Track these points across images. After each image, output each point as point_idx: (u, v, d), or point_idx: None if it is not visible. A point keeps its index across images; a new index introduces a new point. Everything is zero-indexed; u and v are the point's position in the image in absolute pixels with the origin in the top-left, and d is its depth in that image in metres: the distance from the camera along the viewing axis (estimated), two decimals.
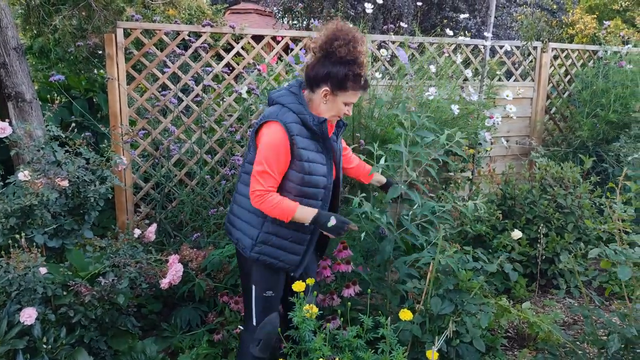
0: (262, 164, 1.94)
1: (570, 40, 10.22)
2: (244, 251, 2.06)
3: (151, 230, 2.47)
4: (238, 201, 2.12)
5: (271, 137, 1.94)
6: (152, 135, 3.53)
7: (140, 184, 3.57)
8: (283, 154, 1.94)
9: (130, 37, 3.43)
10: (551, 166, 3.72)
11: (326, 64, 1.95)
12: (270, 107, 2.04)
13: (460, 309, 2.32)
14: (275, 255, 2.07)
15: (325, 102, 2.01)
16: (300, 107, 1.99)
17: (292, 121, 1.96)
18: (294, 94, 2.02)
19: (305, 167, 1.97)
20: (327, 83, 1.96)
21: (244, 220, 2.08)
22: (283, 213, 1.97)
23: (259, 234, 2.05)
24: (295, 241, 2.09)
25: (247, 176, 2.06)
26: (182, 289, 2.88)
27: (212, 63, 3.69)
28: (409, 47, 3.68)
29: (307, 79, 2.02)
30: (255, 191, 1.96)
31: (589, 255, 2.04)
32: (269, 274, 2.11)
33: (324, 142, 2.04)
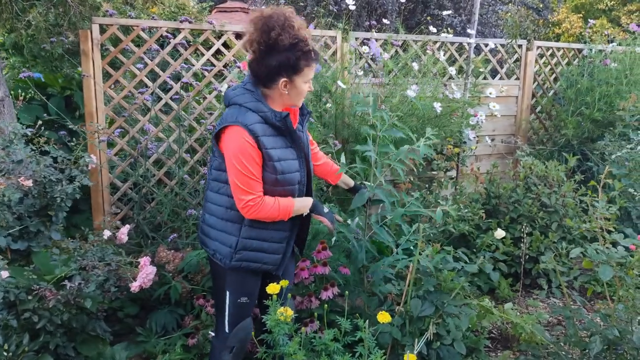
0: (241, 173, 1.84)
1: (557, 39, 10.25)
2: (222, 261, 1.97)
3: (123, 231, 2.39)
4: (210, 210, 2.01)
5: (237, 143, 1.83)
6: (129, 134, 3.45)
7: (117, 184, 3.48)
8: (256, 156, 1.85)
9: (106, 34, 3.34)
10: (536, 165, 3.69)
11: (273, 56, 1.83)
12: (228, 109, 1.94)
13: (440, 310, 2.27)
14: (257, 258, 2.00)
15: (288, 92, 1.91)
16: (259, 104, 1.88)
17: (253, 122, 1.85)
18: (250, 91, 1.90)
19: (277, 167, 1.89)
20: (283, 74, 1.85)
21: (219, 229, 1.98)
22: (284, 212, 1.92)
23: (238, 240, 1.96)
24: (275, 241, 2.02)
25: (215, 183, 1.98)
26: (158, 291, 2.80)
27: (192, 60, 3.61)
28: (392, 44, 3.63)
29: (257, 77, 1.90)
30: (247, 202, 1.86)
31: (570, 255, 2.00)
32: (247, 279, 2.03)
33: (291, 135, 1.95)
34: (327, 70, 3.64)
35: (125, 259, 2.17)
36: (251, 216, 1.89)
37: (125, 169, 3.46)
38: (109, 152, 3.29)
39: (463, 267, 2.27)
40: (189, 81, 3.50)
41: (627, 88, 4.46)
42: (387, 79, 3.50)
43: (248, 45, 1.89)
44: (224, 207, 1.97)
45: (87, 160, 2.40)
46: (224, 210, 1.97)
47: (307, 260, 2.55)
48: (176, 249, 3.19)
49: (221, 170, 1.94)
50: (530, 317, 2.76)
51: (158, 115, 3.53)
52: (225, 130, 1.87)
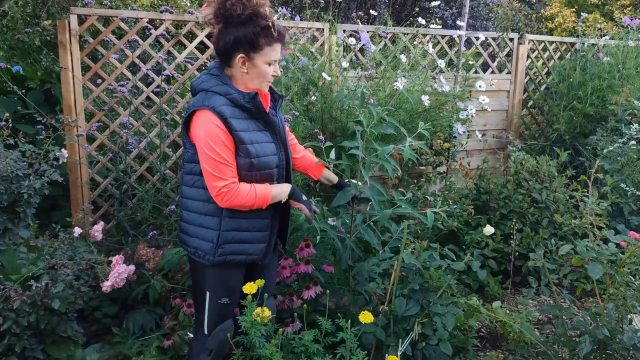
0: (211, 158, 1.76)
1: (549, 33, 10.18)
2: (205, 258, 1.88)
3: (97, 228, 2.29)
4: (186, 206, 1.92)
5: (206, 126, 1.76)
6: (110, 128, 3.35)
7: (97, 179, 3.38)
8: (227, 140, 1.77)
9: (85, 24, 3.23)
10: (527, 160, 3.62)
11: (229, 30, 1.77)
12: (194, 97, 1.87)
13: (426, 309, 2.19)
14: (241, 250, 1.91)
15: (246, 71, 1.82)
16: (226, 87, 1.81)
17: (221, 104, 1.77)
18: (215, 75, 1.84)
19: (250, 150, 1.81)
20: (239, 49, 1.78)
21: (198, 225, 1.89)
22: (261, 199, 1.84)
23: (219, 234, 1.87)
24: (258, 229, 1.93)
25: (189, 177, 1.89)
26: (136, 290, 2.71)
27: (174, 52, 3.51)
28: (380, 36, 3.54)
29: (219, 54, 1.84)
30: (220, 190, 1.77)
31: (559, 252, 1.92)
32: (230, 275, 1.95)
33: (263, 118, 1.88)
34: (313, 63, 3.55)
35: (96, 257, 2.07)
36: (226, 204, 1.80)
37: (105, 164, 3.35)
38: (87, 147, 3.19)
39: (449, 264, 2.20)
40: (171, 74, 3.39)
41: (620, 82, 4.39)
42: (375, 72, 3.41)
43: (207, 20, 1.82)
44: (200, 201, 1.88)
45: (57, 154, 2.30)
46: (201, 204, 1.87)
47: (290, 258, 2.47)
48: (157, 247, 3.10)
49: (194, 162, 1.86)
50: (519, 316, 2.69)
51: (139, 109, 3.43)
52: (193, 117, 1.80)
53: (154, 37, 3.38)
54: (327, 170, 2.32)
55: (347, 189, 2.29)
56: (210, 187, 1.79)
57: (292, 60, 3.44)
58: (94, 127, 3.18)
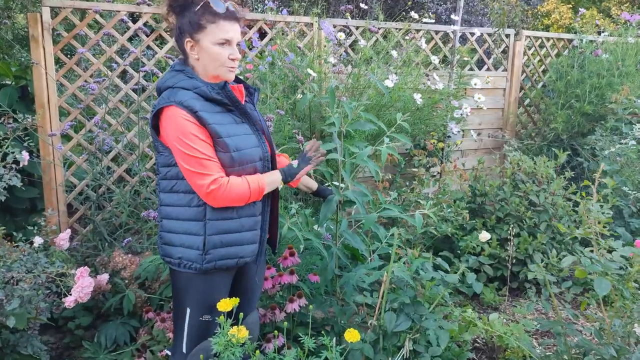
0: (190, 157, 1.61)
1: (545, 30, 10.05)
2: (191, 267, 1.72)
3: (63, 237, 2.12)
4: (166, 214, 1.76)
5: (175, 122, 1.61)
6: (86, 127, 3.17)
7: (73, 181, 3.21)
8: (200, 133, 1.63)
9: (58, 17, 3.05)
10: (523, 161, 3.47)
11: (177, 20, 1.70)
12: (160, 96, 1.73)
13: (418, 324, 2.04)
14: (232, 254, 1.76)
15: (197, 56, 1.68)
16: (192, 81, 1.68)
17: (188, 98, 1.63)
18: (179, 71, 1.71)
19: (228, 143, 1.67)
20: (185, 34, 1.67)
21: (182, 232, 1.73)
22: (256, 188, 1.71)
23: (204, 239, 1.71)
24: (247, 229, 1.78)
25: (166, 182, 1.73)
26: (110, 301, 2.54)
27: (155, 47, 3.34)
28: (370, 31, 3.38)
29: (178, 47, 1.74)
30: (209, 186, 1.62)
31: (562, 263, 1.77)
32: (216, 286, 1.78)
33: (238, 109, 1.74)
34: (301, 59, 3.38)
35: (58, 269, 1.90)
36: (220, 202, 1.66)
37: (81, 166, 3.18)
38: (59, 147, 3.01)
39: (443, 277, 2.04)
40: (151, 70, 3.22)
41: (619, 80, 4.25)
42: (364, 69, 3.25)
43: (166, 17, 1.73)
44: (181, 206, 1.72)
45: (17, 157, 2.12)
46: (183, 210, 1.72)
47: (272, 268, 2.31)
48: (135, 253, 2.93)
49: (170, 166, 1.70)
50: (516, 327, 2.54)
51: (117, 106, 3.25)
52: (161, 116, 1.65)
53: (133, 31, 3.21)
54: (305, 177, 2.16)
55: (330, 198, 2.13)
56: (197, 187, 1.64)
57: (279, 56, 3.27)
58: (67, 126, 3.00)
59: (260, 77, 3.21)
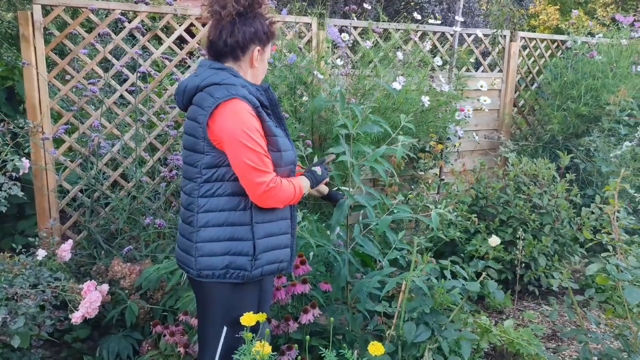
0: (253, 151, 1.56)
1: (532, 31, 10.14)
2: (240, 276, 1.64)
3: (65, 248, 2.01)
4: (206, 221, 1.64)
5: (240, 116, 1.56)
6: (79, 131, 3.04)
7: (66, 186, 3.08)
8: (261, 129, 1.62)
9: (50, 16, 2.92)
10: (525, 163, 3.45)
11: (248, 21, 1.66)
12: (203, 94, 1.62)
13: (437, 334, 1.99)
14: (275, 258, 1.72)
15: (258, 64, 1.72)
16: (239, 79, 1.65)
17: (247, 93, 1.61)
18: (221, 69, 1.66)
19: (279, 143, 1.66)
20: (256, 42, 1.68)
21: (227, 239, 1.64)
22: (299, 190, 1.71)
23: (254, 244, 1.66)
24: (284, 232, 1.76)
25: (208, 186, 1.63)
26: (111, 313, 2.44)
27: (151, 47, 3.22)
28: (374, 31, 3.32)
29: (228, 47, 1.67)
30: (268, 184, 1.58)
31: (587, 272, 1.74)
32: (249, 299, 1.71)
33: (274, 112, 1.75)
34: (301, 60, 3.31)
35: (64, 284, 1.79)
36: (272, 202, 1.63)
37: (74, 170, 3.05)
38: (52, 152, 2.88)
39: (464, 285, 1.99)
40: (147, 71, 3.11)
41: (614, 81, 4.28)
42: (368, 70, 3.19)
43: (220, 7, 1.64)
44: (226, 211, 1.64)
45: (17, 164, 2.00)
46: (227, 214, 1.64)
47: (283, 277, 2.23)
48: (133, 261, 2.83)
49: (216, 167, 1.62)
50: (526, 332, 2.52)
51: (112, 109, 3.13)
52: (216, 111, 1.57)
53: (128, 30, 3.09)
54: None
55: (341, 202, 2.07)
56: (255, 185, 1.57)
57: (279, 57, 3.19)
58: (61, 130, 2.87)
59: None
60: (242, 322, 1.53)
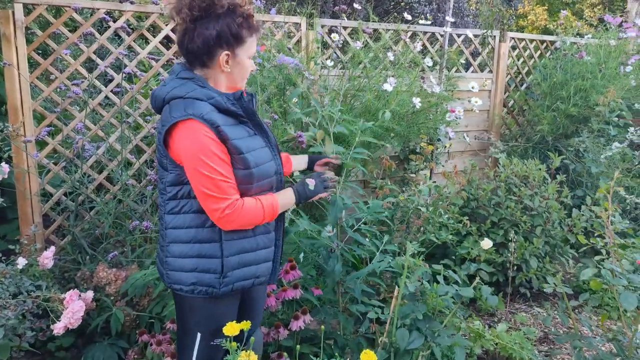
0: (208, 177, 1.49)
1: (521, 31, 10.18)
2: (207, 292, 1.60)
3: (47, 255, 1.95)
4: (174, 237, 1.61)
5: (195, 139, 1.47)
6: (63, 133, 2.97)
7: (50, 190, 3.00)
8: (221, 152, 1.51)
9: (32, 15, 2.84)
10: (516, 164, 3.44)
11: (210, 23, 1.51)
12: (166, 108, 1.55)
13: (430, 340, 1.95)
14: (249, 274, 1.66)
15: (230, 69, 1.58)
16: (205, 90, 1.54)
17: (208, 111, 1.50)
18: (188, 79, 1.56)
19: (249, 160, 1.56)
20: (223, 45, 1.54)
21: (195, 256, 1.60)
22: (270, 211, 1.61)
23: (222, 262, 1.60)
24: (263, 247, 1.69)
25: (174, 203, 1.59)
26: (96, 321, 2.37)
27: (137, 47, 3.15)
28: (364, 31, 3.28)
29: (193, 54, 1.55)
30: (224, 210, 1.51)
31: (581, 276, 1.71)
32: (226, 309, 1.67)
33: (251, 120, 1.63)
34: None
35: (45, 293, 1.73)
36: (232, 226, 1.55)
37: (58, 173, 2.97)
38: (35, 155, 2.81)
39: (457, 290, 1.96)
40: (133, 71, 3.04)
41: (603, 82, 4.28)
42: (358, 71, 3.15)
43: (175, 13, 1.53)
44: (194, 228, 1.59)
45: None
46: (195, 232, 1.59)
47: (272, 284, 2.18)
48: (119, 267, 2.76)
49: (181, 184, 1.56)
50: (519, 335, 2.50)
51: (97, 110, 3.06)
52: (174, 130, 1.50)
53: (113, 30, 3.02)
54: (293, 157, 2.07)
55: (334, 201, 2.02)
56: (210, 211, 1.53)
57: (268, 58, 3.14)
58: (44, 132, 2.80)
59: (249, 79, 3.08)
60: (224, 332, 1.49)
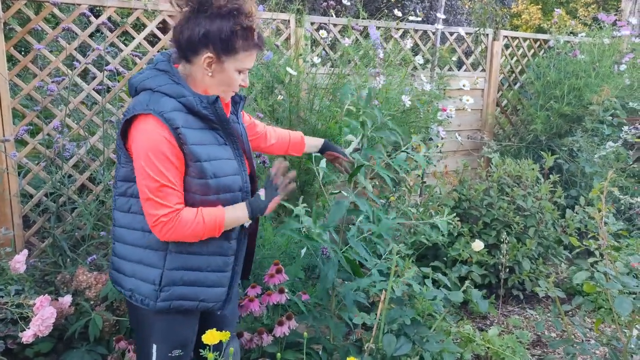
0: (152, 179, 1.39)
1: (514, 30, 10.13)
2: (144, 303, 1.50)
3: (18, 259, 1.87)
4: (120, 237, 1.53)
5: (149, 137, 1.38)
6: (43, 132, 2.88)
7: (30, 191, 2.92)
8: (173, 156, 1.40)
9: (11, 10, 2.76)
10: (508, 164, 3.38)
11: (200, 20, 1.40)
12: (135, 98, 1.46)
13: (419, 346, 1.88)
14: (192, 295, 1.52)
15: (211, 74, 1.45)
16: (179, 87, 1.43)
17: (172, 109, 1.40)
18: (164, 71, 1.46)
19: (206, 168, 1.44)
20: (209, 46, 1.41)
21: (136, 261, 1.50)
22: (212, 226, 1.46)
23: (162, 273, 1.48)
24: (215, 269, 1.54)
25: (124, 200, 1.51)
26: (74, 326, 2.29)
27: (120, 44, 3.07)
28: (354, 29, 3.21)
29: (179, 45, 1.45)
30: (158, 219, 1.41)
31: (574, 280, 1.65)
32: (180, 323, 1.56)
33: (223, 128, 1.51)
34: (279, 57, 3.19)
35: (14, 299, 1.65)
36: (166, 237, 1.43)
37: (38, 174, 2.89)
38: (13, 155, 2.72)
39: (446, 295, 1.89)
40: (116, 69, 2.96)
41: (596, 81, 4.24)
42: (347, 69, 3.09)
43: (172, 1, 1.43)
44: (139, 231, 1.49)
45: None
46: (140, 235, 1.49)
47: (257, 287, 2.11)
48: (100, 270, 2.68)
49: (131, 181, 1.47)
50: (511, 339, 2.43)
51: (79, 108, 2.98)
52: (134, 122, 1.41)
53: (95, 26, 2.94)
54: (308, 138, 1.98)
55: (339, 201, 1.93)
56: (147, 216, 1.42)
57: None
58: (22, 131, 2.71)
59: None
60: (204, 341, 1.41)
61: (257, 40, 1.46)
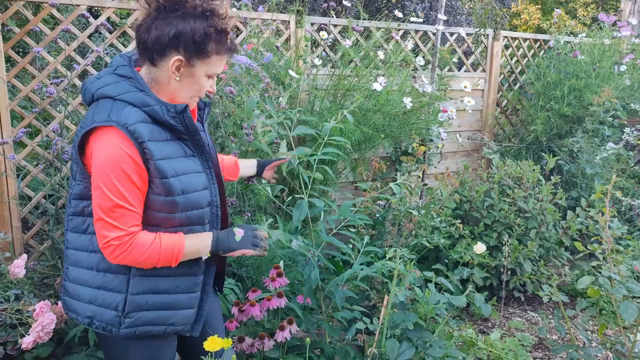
0: (107, 198, 1.26)
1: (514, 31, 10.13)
2: (107, 330, 1.37)
3: (18, 264, 1.85)
4: (75, 260, 1.40)
5: (110, 151, 1.25)
6: (42, 133, 2.86)
7: (29, 193, 2.90)
8: (136, 174, 1.29)
9: (9, 11, 2.74)
10: (509, 165, 3.37)
11: (171, 20, 1.28)
12: (92, 106, 1.32)
13: (422, 351, 1.87)
14: (160, 319, 1.42)
15: (179, 78, 1.33)
16: (142, 95, 1.30)
17: (136, 120, 1.28)
18: (124, 77, 1.32)
19: (174, 186, 1.33)
20: (179, 49, 1.30)
21: (96, 287, 1.37)
22: (168, 256, 1.35)
23: (126, 298, 1.37)
24: (184, 291, 1.44)
25: (80, 220, 1.38)
26: (73, 331, 2.28)
27: (119, 45, 3.05)
28: (354, 30, 3.19)
29: (144, 46, 1.31)
30: (110, 241, 1.28)
31: (579, 284, 1.64)
32: (153, 349, 1.46)
33: (192, 139, 1.39)
34: (279, 59, 3.17)
35: (13, 304, 1.63)
36: (117, 261, 1.31)
37: (37, 176, 2.87)
38: (12, 157, 2.70)
39: (449, 299, 1.88)
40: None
41: (597, 82, 4.23)
42: (348, 70, 3.07)
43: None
44: (98, 254, 1.36)
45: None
46: (100, 258, 1.36)
47: (258, 290, 2.09)
48: None
49: (88, 199, 1.34)
50: (513, 342, 2.42)
51: (78, 110, 2.96)
52: (92, 135, 1.28)
53: (94, 27, 2.92)
54: (242, 161, 1.88)
55: (299, 202, 1.87)
56: (98, 236, 1.30)
57: (255, 56, 3.05)
58: (20, 133, 2.69)
59: (235, 78, 2.98)
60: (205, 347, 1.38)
61: (230, 44, 1.38)
